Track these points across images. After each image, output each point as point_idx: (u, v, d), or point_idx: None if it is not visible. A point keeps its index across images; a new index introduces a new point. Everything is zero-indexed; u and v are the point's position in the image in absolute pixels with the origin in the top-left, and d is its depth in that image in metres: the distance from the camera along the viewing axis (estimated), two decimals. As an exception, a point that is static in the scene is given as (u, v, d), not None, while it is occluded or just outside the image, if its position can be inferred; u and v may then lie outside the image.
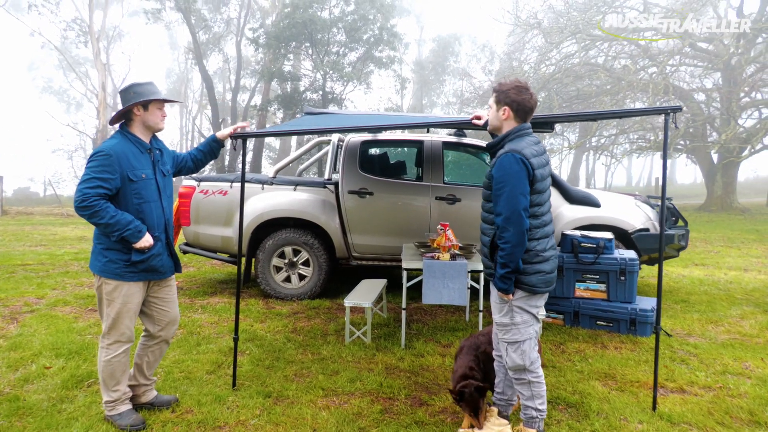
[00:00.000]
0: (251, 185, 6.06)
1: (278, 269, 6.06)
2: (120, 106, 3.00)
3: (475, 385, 2.79)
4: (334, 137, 6.38)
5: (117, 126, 3.06)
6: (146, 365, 3.17)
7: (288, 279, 6.08)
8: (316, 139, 6.63)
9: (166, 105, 3.11)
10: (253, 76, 30.45)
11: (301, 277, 6.07)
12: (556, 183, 5.95)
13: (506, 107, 2.71)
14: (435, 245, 4.80)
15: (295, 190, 6.04)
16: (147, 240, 2.90)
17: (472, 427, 2.89)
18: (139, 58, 66.80)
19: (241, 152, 3.44)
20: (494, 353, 3.00)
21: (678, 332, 4.97)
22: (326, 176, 6.22)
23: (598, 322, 5.02)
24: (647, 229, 5.83)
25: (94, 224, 2.84)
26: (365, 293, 4.79)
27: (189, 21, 22.27)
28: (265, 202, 5.97)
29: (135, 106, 2.93)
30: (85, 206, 2.75)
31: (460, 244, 4.76)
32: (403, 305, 4.52)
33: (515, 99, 2.68)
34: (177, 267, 3.20)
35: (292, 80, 21.46)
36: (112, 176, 2.81)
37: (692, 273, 8.03)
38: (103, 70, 27.20)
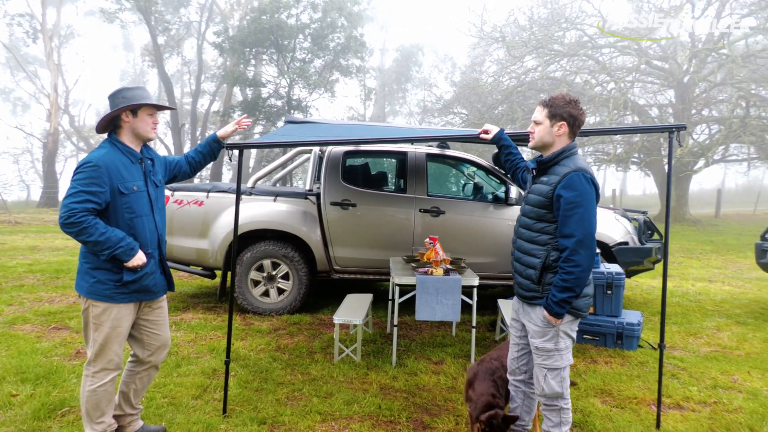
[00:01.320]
0: (229, 195, 5.82)
1: (256, 283, 5.82)
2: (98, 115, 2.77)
3: (503, 416, 2.66)
4: (315, 148, 6.21)
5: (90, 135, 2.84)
6: (133, 393, 2.92)
7: (266, 293, 5.85)
8: (297, 149, 6.43)
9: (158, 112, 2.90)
10: (213, 81, 29.80)
11: (280, 291, 5.86)
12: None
13: (563, 122, 2.58)
14: (425, 259, 4.70)
15: (275, 201, 5.83)
16: (140, 258, 2.67)
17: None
18: (92, 60, 64.44)
19: (238, 162, 3.25)
20: (512, 378, 2.89)
21: (651, 344, 5.01)
22: (307, 187, 6.04)
23: (585, 336, 5.02)
24: (627, 243, 5.91)
25: (81, 242, 2.59)
26: (354, 309, 4.63)
27: (149, 22, 21.60)
28: (244, 213, 5.73)
29: (123, 111, 2.71)
30: (71, 223, 2.50)
31: (450, 258, 4.67)
32: (395, 322, 4.39)
33: (573, 113, 2.57)
34: (170, 285, 2.97)
35: (256, 86, 21.06)
36: (101, 189, 2.56)
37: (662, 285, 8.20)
38: (55, 71, 26.01)
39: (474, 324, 4.44)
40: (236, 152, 3.29)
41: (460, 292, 4.20)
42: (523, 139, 3.62)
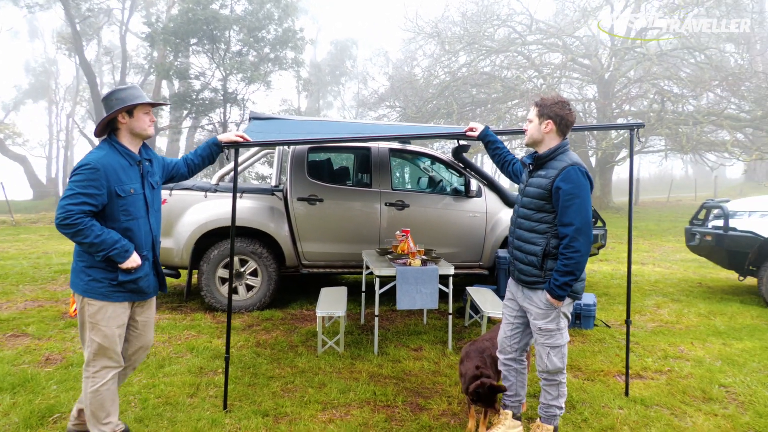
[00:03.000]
0: (193, 193, 5.74)
1: (224, 281, 5.78)
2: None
3: (489, 384, 2.89)
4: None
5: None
6: None
7: (234, 290, 5.82)
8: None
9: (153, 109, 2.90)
10: (139, 73, 28.42)
11: (249, 288, 5.85)
12: (495, 188, 6.28)
13: (550, 121, 2.80)
14: (399, 251, 4.88)
15: (241, 197, 5.80)
16: (134, 260, 2.69)
17: (477, 429, 3.02)
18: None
19: (234, 161, 3.27)
20: (502, 357, 3.12)
21: (613, 323, 5.49)
22: (273, 183, 6.05)
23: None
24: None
25: (77, 243, 2.60)
26: (334, 302, 4.73)
27: (68, 8, 20.31)
28: (209, 210, 5.68)
29: (119, 113, 2.70)
30: (68, 224, 2.51)
31: (423, 249, 4.88)
32: (376, 312, 4.54)
33: (559, 113, 2.79)
34: (162, 286, 2.99)
35: (189, 78, 20.37)
36: (98, 192, 2.57)
37: (601, 268, 8.87)
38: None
39: (450, 311, 4.68)
40: (233, 150, 3.31)
41: (438, 281, 4.41)
42: (507, 134, 3.89)
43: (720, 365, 4.26)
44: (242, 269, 5.79)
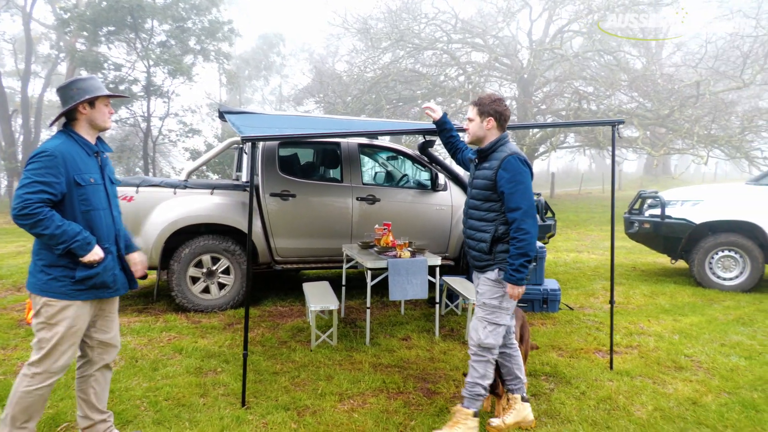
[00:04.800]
0: (161, 190, 5.52)
1: (195, 280, 5.62)
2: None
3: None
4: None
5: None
6: (95, 398, 2.77)
7: (206, 290, 5.68)
8: (230, 139, 6.25)
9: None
10: (47, 62, 26.30)
11: (221, 287, 5.73)
12: (459, 181, 6.55)
13: (491, 118, 3.00)
14: (384, 244, 5.00)
15: (212, 194, 5.66)
16: (96, 253, 2.57)
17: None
18: None
19: (251, 155, 3.24)
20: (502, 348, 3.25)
21: (573, 306, 5.93)
22: (244, 178, 5.94)
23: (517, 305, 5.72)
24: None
25: (35, 235, 2.47)
26: (323, 296, 4.77)
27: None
28: (180, 208, 5.49)
29: (81, 104, 2.61)
30: (25, 214, 2.39)
31: (407, 242, 5.02)
32: (368, 304, 4.64)
33: (498, 110, 3.01)
34: (132, 282, 2.87)
35: (107, 69, 19.15)
36: (56, 180, 2.47)
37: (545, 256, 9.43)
38: None
39: (438, 300, 4.86)
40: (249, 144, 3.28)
41: (427, 271, 4.58)
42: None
43: (679, 338, 4.77)
44: (214, 267, 5.65)
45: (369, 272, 4.59)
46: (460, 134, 3.58)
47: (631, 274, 7.85)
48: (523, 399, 3.30)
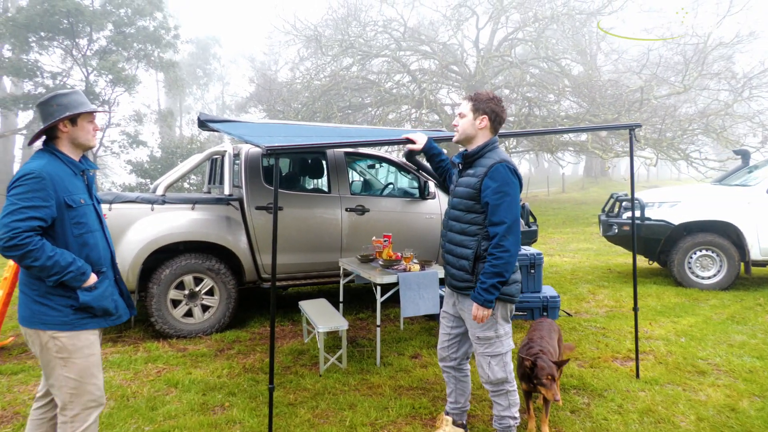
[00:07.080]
0: (137, 206, 5.04)
1: (176, 303, 5.16)
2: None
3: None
4: (229, 148, 5.71)
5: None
6: None
7: (189, 313, 5.22)
8: (208, 150, 5.81)
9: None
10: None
11: (205, 309, 5.28)
12: (447, 189, 6.39)
13: (485, 116, 2.71)
14: (386, 257, 4.74)
15: (193, 209, 5.22)
16: (93, 282, 2.35)
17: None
18: None
19: (274, 167, 2.92)
20: (443, 365, 3.07)
21: (568, 311, 5.87)
22: (226, 191, 5.53)
23: (516, 313, 5.60)
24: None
25: (25, 267, 2.23)
26: (328, 316, 4.45)
27: None
28: (159, 225, 5.03)
29: (62, 121, 2.35)
30: (14, 245, 2.15)
31: (412, 254, 4.79)
32: (378, 322, 4.37)
33: (495, 109, 2.71)
34: (131, 308, 2.62)
35: (41, 77, 17.89)
36: (45, 204, 2.22)
37: (520, 261, 9.44)
38: None
39: (438, 312, 4.63)
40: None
41: (438, 284, 4.36)
42: (446, 139, 3.93)
43: (685, 341, 4.77)
44: (197, 288, 5.21)
45: (378, 288, 4.32)
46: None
47: (609, 276, 7.94)
48: (456, 424, 3.08)
